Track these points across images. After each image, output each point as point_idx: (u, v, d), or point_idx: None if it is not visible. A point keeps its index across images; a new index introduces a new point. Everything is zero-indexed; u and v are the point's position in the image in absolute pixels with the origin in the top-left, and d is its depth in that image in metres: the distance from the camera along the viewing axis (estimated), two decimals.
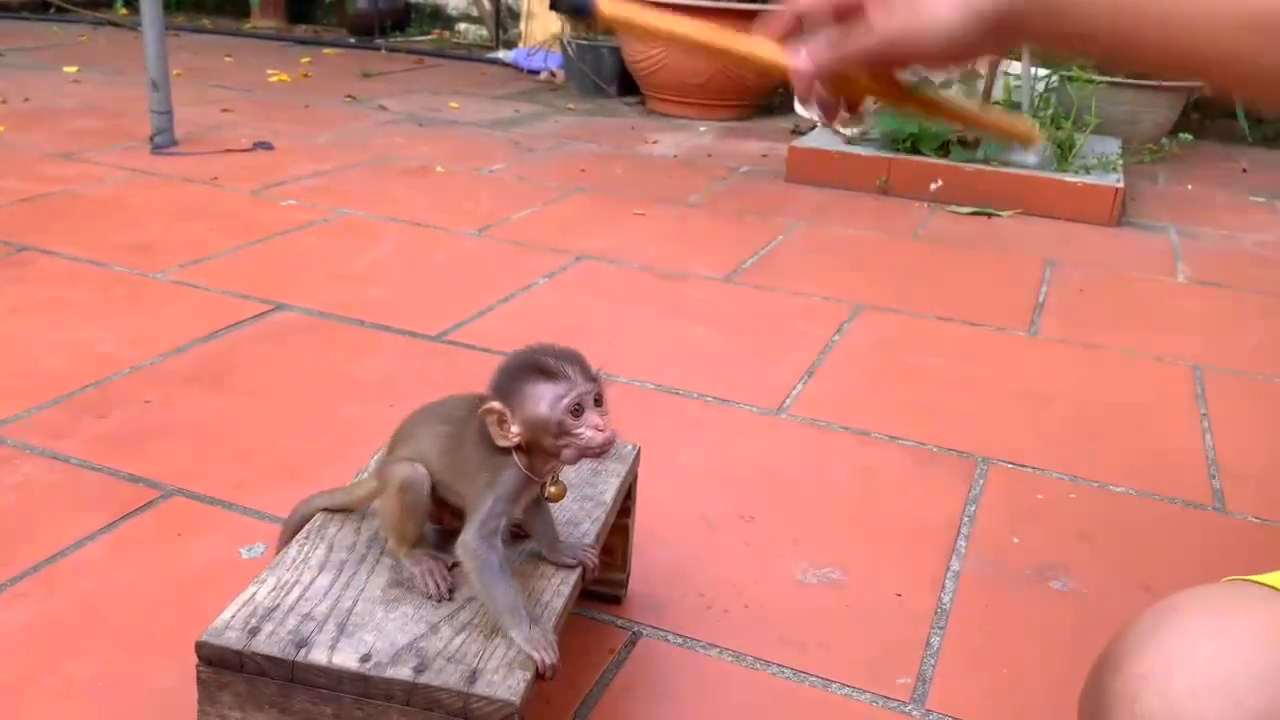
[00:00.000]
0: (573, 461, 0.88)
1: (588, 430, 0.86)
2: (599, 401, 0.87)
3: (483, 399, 0.89)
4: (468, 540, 0.87)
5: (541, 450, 0.88)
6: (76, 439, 1.50)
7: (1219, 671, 0.53)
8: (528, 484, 0.90)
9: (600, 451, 0.86)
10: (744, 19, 3.87)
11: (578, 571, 0.96)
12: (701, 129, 4.02)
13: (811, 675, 1.14)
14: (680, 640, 1.18)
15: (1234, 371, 2.04)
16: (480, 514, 0.87)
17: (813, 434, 1.68)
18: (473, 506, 0.89)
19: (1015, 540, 1.42)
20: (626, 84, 4.42)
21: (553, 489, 0.92)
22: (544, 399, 0.85)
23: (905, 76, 0.80)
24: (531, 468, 0.89)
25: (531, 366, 0.87)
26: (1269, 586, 0.57)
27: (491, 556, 0.86)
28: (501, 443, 0.87)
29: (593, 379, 0.88)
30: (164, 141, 3.07)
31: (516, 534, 0.99)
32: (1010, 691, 1.14)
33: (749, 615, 1.23)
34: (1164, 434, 1.77)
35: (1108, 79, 3.68)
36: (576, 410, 0.85)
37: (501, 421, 0.87)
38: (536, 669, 0.82)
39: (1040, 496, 1.54)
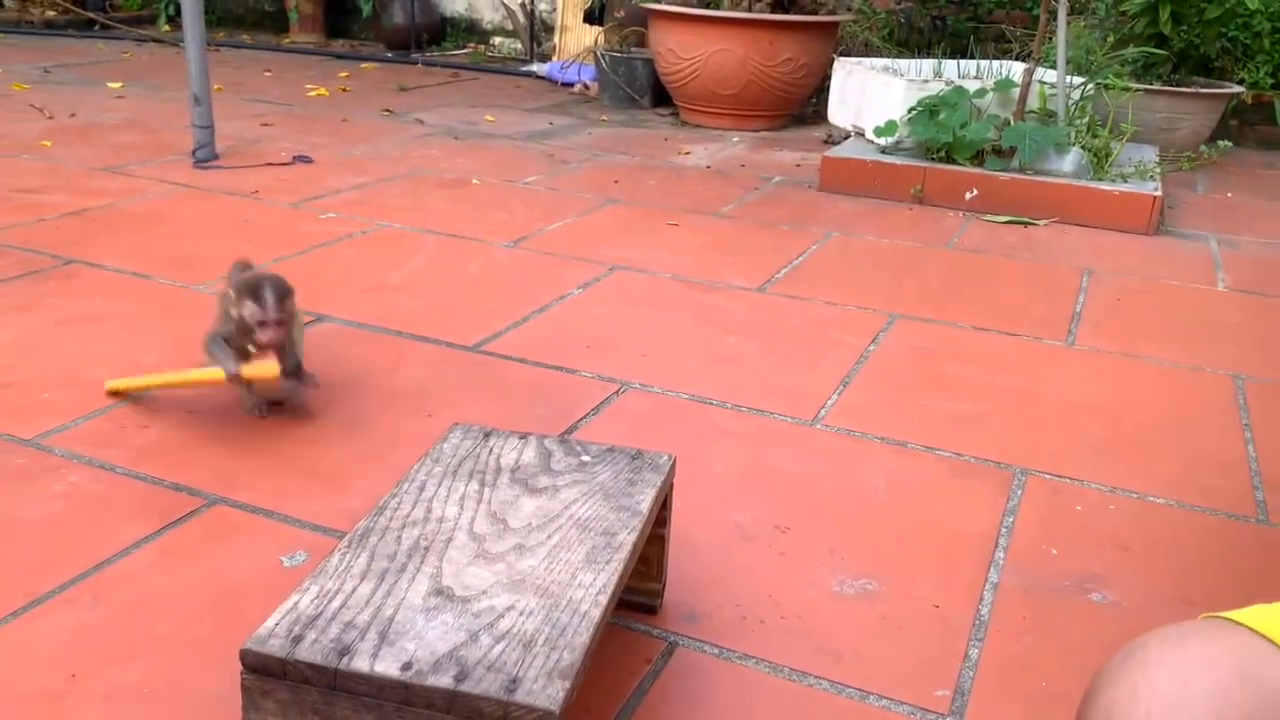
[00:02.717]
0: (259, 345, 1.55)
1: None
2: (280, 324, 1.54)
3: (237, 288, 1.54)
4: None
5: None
6: (121, 448, 1.53)
7: (1175, 697, 0.60)
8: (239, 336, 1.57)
9: (266, 340, 1.55)
10: (773, 28, 3.88)
11: (614, 580, 0.96)
12: (734, 139, 4.02)
13: (848, 686, 1.14)
14: (716, 651, 1.19)
15: (1276, 381, 2.02)
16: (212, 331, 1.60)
17: (848, 444, 1.68)
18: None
19: (1054, 552, 1.41)
20: (659, 95, 4.44)
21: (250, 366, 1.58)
22: (247, 308, 1.54)
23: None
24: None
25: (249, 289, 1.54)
26: (1234, 621, 0.63)
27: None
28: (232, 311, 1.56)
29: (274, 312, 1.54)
30: (206, 155, 3.12)
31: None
32: (1050, 704, 1.14)
33: (785, 626, 1.23)
34: (1205, 444, 1.75)
35: (1144, 87, 3.65)
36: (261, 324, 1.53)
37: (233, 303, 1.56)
38: None
39: (1079, 508, 1.53)
